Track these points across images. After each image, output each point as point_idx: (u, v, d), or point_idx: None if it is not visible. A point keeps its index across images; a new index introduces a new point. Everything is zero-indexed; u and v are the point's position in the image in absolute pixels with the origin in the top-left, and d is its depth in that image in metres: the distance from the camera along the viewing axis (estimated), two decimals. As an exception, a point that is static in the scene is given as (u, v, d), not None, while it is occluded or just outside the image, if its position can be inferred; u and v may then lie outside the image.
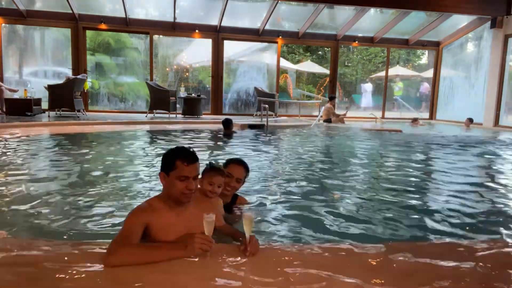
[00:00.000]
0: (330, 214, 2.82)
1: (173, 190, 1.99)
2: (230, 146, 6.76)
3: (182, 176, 1.96)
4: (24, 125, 8.03)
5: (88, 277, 1.64)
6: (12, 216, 2.63)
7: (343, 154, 6.35)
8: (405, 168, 4.94)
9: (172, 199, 2.02)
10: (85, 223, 2.51)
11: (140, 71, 13.38)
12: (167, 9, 12.01)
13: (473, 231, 2.63)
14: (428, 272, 1.83)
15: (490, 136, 9.83)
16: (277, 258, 1.90)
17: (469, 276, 1.81)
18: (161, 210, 2.00)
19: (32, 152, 5.37)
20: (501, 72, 11.78)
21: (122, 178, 3.78)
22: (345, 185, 3.82)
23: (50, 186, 3.43)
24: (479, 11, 11.69)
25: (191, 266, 1.76)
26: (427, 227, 2.67)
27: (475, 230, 2.66)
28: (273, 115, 12.01)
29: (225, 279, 1.66)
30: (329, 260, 1.93)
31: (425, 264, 1.90)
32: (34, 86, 10.75)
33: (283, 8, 12.87)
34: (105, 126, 8.78)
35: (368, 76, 17.86)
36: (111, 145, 6.35)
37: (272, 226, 2.57)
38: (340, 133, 9.41)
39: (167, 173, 2.00)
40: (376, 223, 2.70)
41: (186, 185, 1.97)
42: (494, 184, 4.26)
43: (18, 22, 11.24)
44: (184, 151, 2.02)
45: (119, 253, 1.76)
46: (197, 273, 1.70)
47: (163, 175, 2.03)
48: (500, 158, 6.37)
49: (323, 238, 2.38)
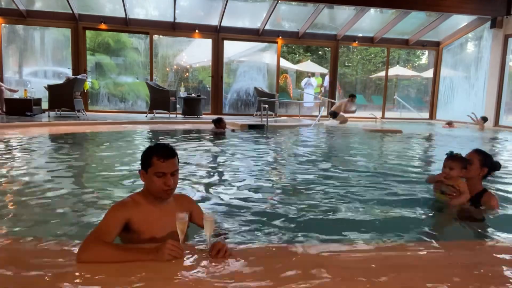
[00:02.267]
0: (329, 214, 2.82)
1: (152, 186, 2.01)
2: (225, 145, 6.75)
3: (159, 173, 1.98)
4: (24, 125, 8.03)
5: (88, 276, 1.64)
6: (12, 216, 2.63)
7: (342, 154, 6.35)
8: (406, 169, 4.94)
9: (153, 196, 2.04)
10: (85, 223, 2.51)
11: (140, 71, 13.39)
12: (167, 9, 12.01)
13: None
14: (426, 270, 1.83)
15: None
16: (275, 258, 1.90)
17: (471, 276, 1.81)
18: (143, 205, 2.02)
19: (32, 152, 5.37)
20: (501, 72, 11.78)
21: (122, 178, 3.78)
22: (343, 185, 3.82)
23: (49, 186, 3.43)
24: (479, 11, 11.69)
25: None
26: (424, 226, 2.67)
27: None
28: (273, 115, 12.01)
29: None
30: (330, 259, 1.93)
31: (423, 263, 1.91)
32: (34, 86, 10.75)
33: (283, 8, 12.87)
34: (105, 126, 8.78)
35: (368, 76, 17.87)
36: (111, 145, 6.35)
37: (270, 225, 2.57)
38: (339, 133, 9.41)
39: (146, 170, 2.03)
40: (376, 222, 2.70)
41: (164, 181, 1.99)
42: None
43: (18, 22, 11.23)
44: (160, 148, 2.03)
45: (91, 250, 1.76)
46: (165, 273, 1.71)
47: (142, 172, 2.06)
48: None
49: (323, 238, 2.37)
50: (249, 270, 1.76)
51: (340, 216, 2.81)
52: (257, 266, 1.81)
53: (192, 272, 1.71)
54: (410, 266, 1.89)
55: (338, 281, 1.70)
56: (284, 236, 2.38)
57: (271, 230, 2.47)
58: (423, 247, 2.21)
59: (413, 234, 2.49)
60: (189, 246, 1.97)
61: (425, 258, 2.01)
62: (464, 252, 2.14)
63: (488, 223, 2.73)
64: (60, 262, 1.77)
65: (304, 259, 1.93)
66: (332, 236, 2.38)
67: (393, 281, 1.72)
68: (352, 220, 2.72)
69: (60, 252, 1.88)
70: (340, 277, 1.73)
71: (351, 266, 1.85)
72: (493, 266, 1.95)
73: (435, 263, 1.96)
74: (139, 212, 1.99)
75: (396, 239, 2.38)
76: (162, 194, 2.02)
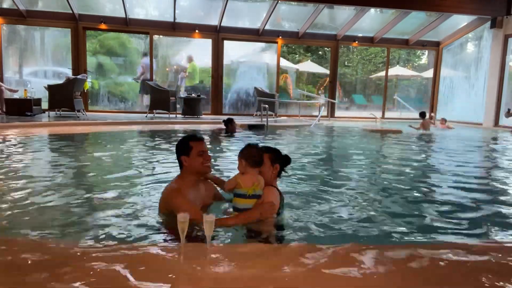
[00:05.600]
0: (328, 214, 2.82)
1: (196, 165, 2.53)
2: (231, 144, 6.75)
3: (200, 151, 2.53)
4: (24, 125, 8.03)
5: (88, 275, 1.64)
6: (11, 216, 2.62)
7: (342, 154, 6.35)
8: (406, 169, 4.94)
9: (196, 173, 2.58)
10: (85, 223, 2.51)
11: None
12: (167, 9, 12.01)
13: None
14: (427, 272, 1.83)
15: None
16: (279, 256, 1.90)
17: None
18: (188, 188, 2.48)
19: (32, 152, 5.37)
20: (501, 72, 11.78)
21: (121, 178, 3.78)
22: (342, 184, 3.82)
23: (49, 186, 3.43)
24: (479, 11, 11.69)
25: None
26: (427, 227, 2.67)
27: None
28: (273, 115, 12.01)
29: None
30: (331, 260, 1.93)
31: (425, 264, 1.91)
32: (34, 86, 10.75)
33: (283, 8, 12.88)
34: (105, 126, 8.78)
35: (368, 76, 17.86)
36: (111, 145, 6.35)
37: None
38: (339, 133, 9.41)
39: (188, 154, 2.53)
40: (375, 223, 2.70)
41: (204, 157, 2.54)
42: (499, 184, 4.26)
43: (18, 22, 11.23)
44: (192, 135, 2.63)
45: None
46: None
47: (184, 158, 2.55)
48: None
49: (322, 239, 2.37)
50: (249, 269, 1.76)
51: (337, 216, 2.80)
52: (257, 265, 1.80)
53: (192, 271, 1.71)
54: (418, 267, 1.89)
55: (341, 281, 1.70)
56: (284, 236, 2.38)
57: (271, 230, 2.47)
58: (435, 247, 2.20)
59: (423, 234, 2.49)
60: (189, 246, 1.98)
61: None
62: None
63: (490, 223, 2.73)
64: (60, 262, 1.77)
65: (303, 258, 1.93)
66: (332, 236, 2.38)
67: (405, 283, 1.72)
68: (350, 219, 2.72)
69: (60, 252, 1.88)
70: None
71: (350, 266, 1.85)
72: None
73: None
74: (190, 193, 2.46)
75: (397, 239, 2.38)
76: (206, 169, 2.57)
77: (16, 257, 1.83)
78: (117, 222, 2.49)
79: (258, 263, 1.84)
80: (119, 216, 2.59)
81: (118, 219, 2.54)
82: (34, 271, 1.69)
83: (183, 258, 1.88)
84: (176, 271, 1.73)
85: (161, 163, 4.71)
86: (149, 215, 2.59)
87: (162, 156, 5.17)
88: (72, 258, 1.81)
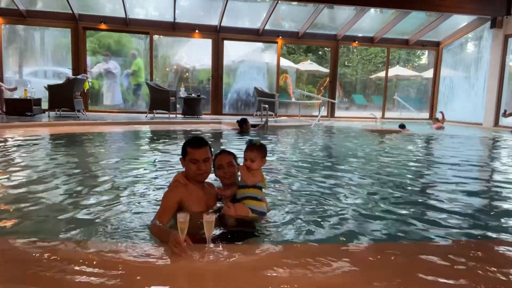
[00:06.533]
0: (328, 214, 2.82)
1: (189, 171, 2.44)
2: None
3: (193, 159, 2.39)
4: (24, 125, 8.03)
5: (88, 275, 1.64)
6: (11, 216, 2.63)
7: (342, 154, 6.35)
8: (405, 169, 4.94)
9: (191, 179, 2.45)
10: (85, 223, 2.51)
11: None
12: (167, 9, 12.01)
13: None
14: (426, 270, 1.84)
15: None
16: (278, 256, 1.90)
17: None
18: (189, 185, 2.43)
19: (32, 152, 5.37)
20: (501, 72, 11.78)
21: (121, 178, 3.78)
22: (342, 184, 3.82)
23: (49, 186, 3.43)
24: (479, 11, 11.69)
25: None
26: (429, 226, 2.67)
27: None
28: (273, 115, 12.01)
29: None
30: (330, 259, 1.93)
31: (424, 264, 1.91)
32: (34, 86, 10.75)
33: (283, 8, 12.88)
34: (105, 126, 8.77)
35: (368, 76, 17.86)
36: (111, 145, 6.35)
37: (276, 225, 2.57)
38: (339, 133, 9.41)
39: (184, 157, 2.47)
40: (374, 222, 2.70)
41: (197, 167, 2.38)
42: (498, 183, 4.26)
43: (18, 22, 11.23)
44: (193, 139, 2.48)
45: (150, 227, 2.21)
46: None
47: (182, 159, 2.51)
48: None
49: (322, 239, 2.37)
50: (249, 269, 1.76)
51: (337, 216, 2.80)
52: (257, 265, 1.81)
53: (192, 270, 1.71)
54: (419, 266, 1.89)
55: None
56: (283, 236, 2.38)
57: (271, 230, 2.47)
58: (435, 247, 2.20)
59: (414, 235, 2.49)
60: (189, 246, 1.98)
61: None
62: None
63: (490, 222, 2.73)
64: (60, 262, 1.77)
65: (304, 258, 1.93)
66: (332, 236, 2.38)
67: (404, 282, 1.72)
68: (350, 219, 2.72)
69: (60, 252, 1.88)
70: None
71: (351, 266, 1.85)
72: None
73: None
74: (188, 192, 2.38)
75: (395, 239, 2.38)
76: (198, 177, 2.43)
77: (16, 257, 1.83)
78: (116, 221, 2.49)
79: (258, 263, 1.84)
80: (119, 216, 2.59)
81: (118, 218, 2.54)
82: (34, 270, 1.69)
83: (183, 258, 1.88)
84: (176, 271, 1.73)
85: (161, 163, 4.72)
86: (149, 215, 2.59)
87: (162, 156, 5.18)
88: (72, 257, 1.81)
